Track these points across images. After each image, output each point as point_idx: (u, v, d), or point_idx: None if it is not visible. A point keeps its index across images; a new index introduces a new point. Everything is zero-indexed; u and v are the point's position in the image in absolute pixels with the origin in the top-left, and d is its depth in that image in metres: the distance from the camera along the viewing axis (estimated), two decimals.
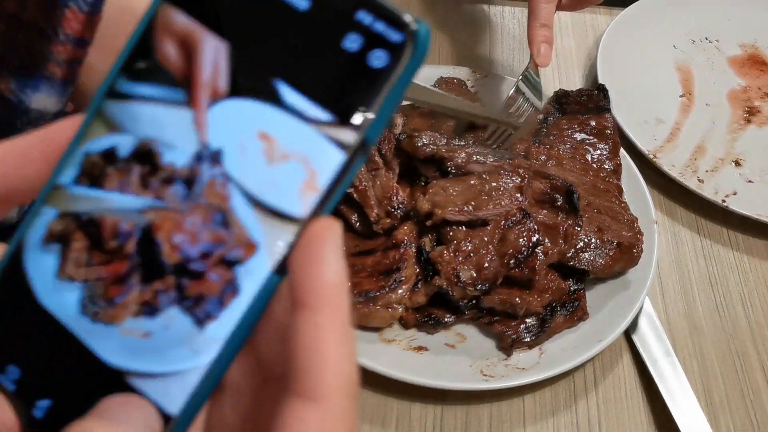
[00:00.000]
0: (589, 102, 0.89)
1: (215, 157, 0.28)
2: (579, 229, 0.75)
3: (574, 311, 0.74)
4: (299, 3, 0.27)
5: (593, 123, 0.87)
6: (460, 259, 0.72)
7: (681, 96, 1.00)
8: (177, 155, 0.28)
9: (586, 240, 0.75)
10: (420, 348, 0.72)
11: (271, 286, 0.28)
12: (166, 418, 0.27)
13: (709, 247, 0.85)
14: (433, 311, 0.73)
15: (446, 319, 0.73)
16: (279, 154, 0.27)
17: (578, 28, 1.08)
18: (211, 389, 0.28)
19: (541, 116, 0.89)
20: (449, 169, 0.77)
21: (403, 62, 0.26)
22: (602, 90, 0.90)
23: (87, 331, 0.28)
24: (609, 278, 0.77)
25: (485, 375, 0.71)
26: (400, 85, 0.26)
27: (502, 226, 0.74)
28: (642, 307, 0.76)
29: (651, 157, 0.90)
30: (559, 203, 0.76)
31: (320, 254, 0.27)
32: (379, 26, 0.26)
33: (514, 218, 0.74)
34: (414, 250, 0.74)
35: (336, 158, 0.27)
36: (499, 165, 0.78)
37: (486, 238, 0.73)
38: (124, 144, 0.28)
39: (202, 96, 0.28)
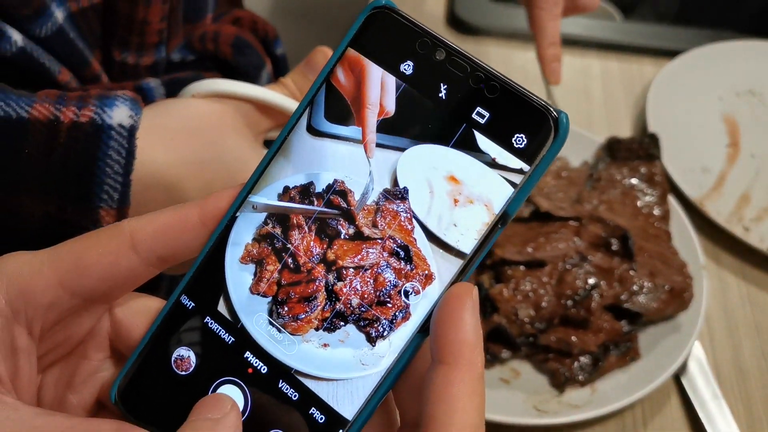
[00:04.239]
0: (639, 149, 0.93)
1: (402, 195, 0.32)
2: (633, 273, 0.78)
3: (626, 352, 0.77)
4: (446, 90, 0.32)
5: (643, 170, 0.91)
6: (519, 297, 0.75)
7: (727, 146, 1.03)
8: (365, 190, 0.32)
9: (639, 283, 0.78)
10: None
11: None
12: (341, 422, 0.31)
13: (755, 294, 0.88)
14: (489, 346, 0.76)
15: (502, 355, 0.76)
16: (464, 197, 0.31)
17: (626, 77, 1.12)
18: (379, 399, 0.31)
19: (592, 162, 0.93)
20: None
21: (547, 145, 0.30)
22: (653, 138, 0.94)
23: (272, 340, 0.32)
24: (660, 321, 0.80)
25: (539, 410, 0.74)
26: (543, 164, 0.31)
27: (559, 268, 0.77)
28: (691, 350, 0.79)
29: (698, 204, 0.93)
30: (614, 247, 0.80)
31: (459, 314, 0.30)
32: (529, 114, 0.31)
33: (572, 260, 0.77)
34: None
35: (510, 194, 0.31)
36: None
37: (544, 279, 0.76)
38: (318, 178, 0.33)
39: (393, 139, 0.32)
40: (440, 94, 0.32)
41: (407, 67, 0.32)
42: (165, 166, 0.50)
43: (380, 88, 0.33)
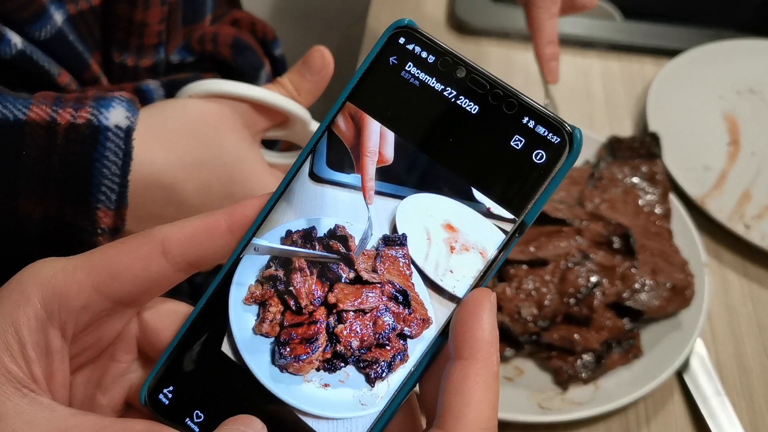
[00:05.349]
0: (640, 148, 0.93)
1: (400, 241, 0.33)
2: (635, 270, 0.78)
3: (629, 349, 0.77)
4: (471, 106, 0.33)
5: (644, 168, 0.91)
6: (522, 296, 0.75)
7: (728, 144, 1.03)
8: (365, 236, 0.34)
9: (641, 281, 0.78)
10: None
11: (436, 347, 0.33)
12: None
13: (757, 291, 0.88)
14: None
15: (506, 353, 0.76)
16: (460, 245, 0.33)
17: (627, 77, 1.12)
18: None
19: (594, 161, 0.93)
20: None
21: (564, 160, 0.32)
22: (654, 137, 0.94)
23: (273, 379, 0.33)
24: (662, 318, 0.80)
25: (543, 408, 0.74)
26: (558, 177, 0.32)
27: (561, 267, 0.77)
28: (693, 347, 0.79)
29: (699, 202, 0.93)
30: (616, 246, 0.80)
31: (479, 314, 0.32)
32: (541, 129, 0.32)
33: (574, 259, 0.77)
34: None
35: (503, 241, 0.32)
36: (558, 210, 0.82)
37: (546, 277, 0.76)
38: (320, 223, 0.34)
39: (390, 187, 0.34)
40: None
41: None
42: (162, 167, 0.50)
43: (379, 137, 0.34)
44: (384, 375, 0.33)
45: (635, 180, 0.90)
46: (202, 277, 0.70)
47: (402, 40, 0.34)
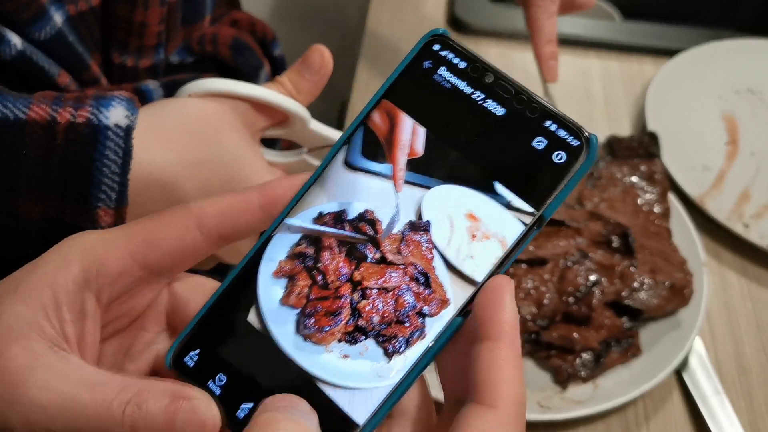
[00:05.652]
0: (639, 148, 0.93)
1: (425, 227, 0.36)
2: (634, 269, 0.78)
3: (628, 348, 0.77)
4: (497, 108, 0.36)
5: (643, 168, 0.91)
6: (521, 295, 0.75)
7: (727, 144, 1.03)
8: (393, 221, 0.37)
9: (640, 280, 0.78)
10: None
11: (454, 327, 0.35)
12: (352, 426, 0.34)
13: (755, 290, 0.88)
14: None
15: None
16: (481, 233, 0.35)
17: (626, 76, 1.13)
18: (389, 408, 0.35)
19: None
20: None
21: (581, 162, 0.35)
22: (653, 136, 0.94)
23: (296, 347, 0.35)
24: (661, 317, 0.80)
25: (542, 406, 0.74)
26: (576, 178, 0.35)
27: (560, 266, 0.77)
28: (692, 346, 0.79)
29: (698, 202, 0.93)
30: (615, 244, 0.80)
31: (501, 299, 0.34)
32: (562, 133, 0.35)
33: (573, 258, 0.77)
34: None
35: (522, 232, 0.35)
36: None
37: (545, 276, 0.77)
38: (350, 207, 0.37)
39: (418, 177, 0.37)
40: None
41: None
42: (162, 166, 0.51)
43: (411, 132, 0.37)
44: (401, 350, 0.35)
45: (634, 179, 0.90)
46: None
47: (436, 47, 0.38)
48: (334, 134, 0.59)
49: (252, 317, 0.36)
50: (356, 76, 1.09)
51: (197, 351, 0.37)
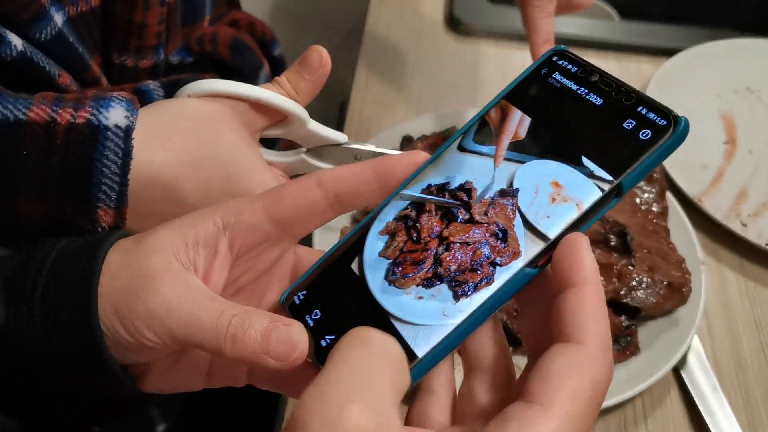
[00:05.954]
0: None
1: (513, 193, 0.41)
2: (632, 268, 0.79)
3: (626, 346, 0.77)
4: (597, 99, 0.41)
5: None
6: None
7: (725, 143, 1.04)
8: (486, 189, 0.42)
9: (638, 279, 0.79)
10: None
11: (521, 277, 0.38)
12: (412, 357, 0.38)
13: (753, 288, 0.89)
14: None
15: None
16: (561, 197, 0.39)
17: (625, 76, 1.13)
18: (450, 348, 0.38)
19: None
20: None
21: (665, 138, 0.38)
22: None
23: (382, 290, 0.41)
24: (659, 316, 0.80)
25: None
26: (658, 152, 0.38)
27: None
28: (690, 344, 0.79)
29: (696, 201, 0.93)
30: (613, 243, 0.80)
31: (581, 249, 0.36)
32: (652, 115, 0.39)
33: None
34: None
35: (599, 197, 0.38)
36: None
37: None
38: (454, 179, 0.43)
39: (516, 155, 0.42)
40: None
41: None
42: (162, 166, 0.51)
43: (518, 121, 0.42)
44: (469, 293, 0.38)
45: None
46: None
47: (555, 58, 0.43)
48: (333, 134, 0.59)
49: (354, 265, 0.43)
50: (356, 76, 1.09)
51: (304, 292, 0.43)
